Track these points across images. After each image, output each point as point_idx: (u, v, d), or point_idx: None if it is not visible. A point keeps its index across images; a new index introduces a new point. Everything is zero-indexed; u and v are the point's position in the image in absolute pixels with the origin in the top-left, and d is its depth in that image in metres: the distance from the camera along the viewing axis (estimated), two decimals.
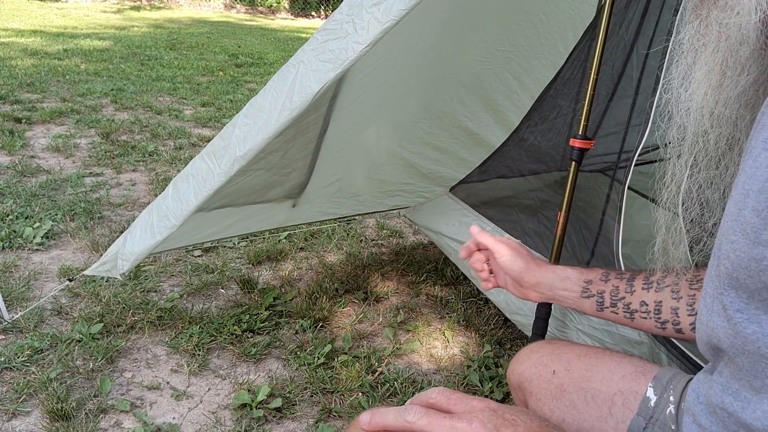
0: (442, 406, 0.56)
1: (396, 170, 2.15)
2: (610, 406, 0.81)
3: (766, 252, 0.47)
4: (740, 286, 0.51)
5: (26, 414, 1.49)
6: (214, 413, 1.55)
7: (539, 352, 0.93)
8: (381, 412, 0.55)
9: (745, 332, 0.51)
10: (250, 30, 10.70)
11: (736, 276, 0.51)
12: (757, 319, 0.50)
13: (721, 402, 0.56)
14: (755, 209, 0.48)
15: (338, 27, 1.27)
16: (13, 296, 1.95)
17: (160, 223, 1.55)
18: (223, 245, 2.45)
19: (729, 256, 0.51)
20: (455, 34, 1.75)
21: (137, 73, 5.78)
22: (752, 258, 0.49)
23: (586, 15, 1.77)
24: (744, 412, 0.53)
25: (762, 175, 0.48)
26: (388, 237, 2.71)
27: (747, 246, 0.49)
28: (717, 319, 0.55)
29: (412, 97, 1.92)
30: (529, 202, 1.89)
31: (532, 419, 0.55)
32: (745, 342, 0.51)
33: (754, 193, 0.49)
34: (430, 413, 0.53)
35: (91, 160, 3.34)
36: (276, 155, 1.69)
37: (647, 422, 0.77)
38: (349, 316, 2.04)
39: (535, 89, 1.91)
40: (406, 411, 0.54)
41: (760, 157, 0.49)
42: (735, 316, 0.52)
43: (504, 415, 0.54)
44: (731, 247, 0.51)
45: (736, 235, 0.50)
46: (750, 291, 0.50)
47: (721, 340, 0.55)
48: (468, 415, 0.53)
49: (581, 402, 0.83)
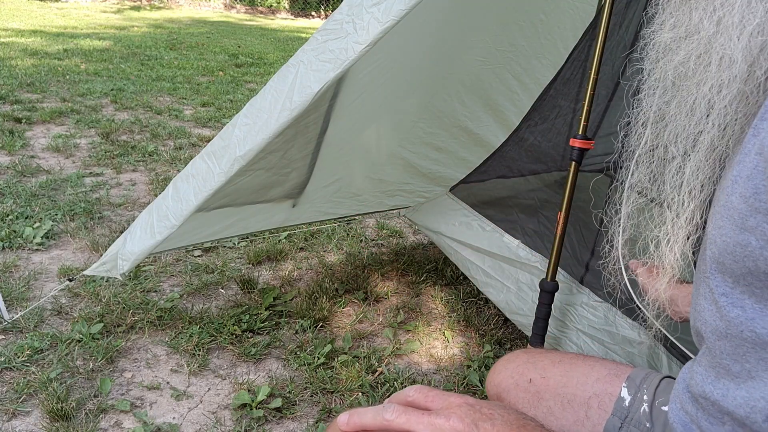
0: (420, 404, 0.57)
1: (396, 170, 2.15)
2: (586, 409, 0.82)
3: (751, 238, 0.48)
4: (726, 271, 0.52)
5: (26, 414, 1.49)
6: (214, 413, 1.55)
7: (515, 362, 0.94)
8: (359, 412, 0.56)
9: (729, 315, 0.52)
10: (250, 30, 10.70)
11: (722, 261, 0.52)
12: (741, 304, 0.51)
13: (702, 391, 0.57)
14: (742, 195, 0.49)
15: (338, 27, 1.27)
16: (13, 296, 1.95)
17: (160, 223, 1.55)
18: (223, 245, 2.45)
19: (716, 241, 0.52)
20: (455, 34, 1.75)
21: (137, 73, 5.78)
22: (738, 243, 0.49)
23: (586, 15, 1.77)
24: (725, 399, 0.54)
25: (751, 161, 0.48)
26: (388, 237, 2.71)
27: (733, 231, 0.50)
28: (704, 302, 0.56)
29: (412, 97, 1.92)
30: (529, 202, 1.89)
31: (509, 412, 0.55)
32: (729, 325, 0.52)
33: (742, 179, 0.49)
34: (408, 411, 0.54)
35: (91, 160, 3.34)
36: (276, 155, 1.69)
37: (622, 422, 0.78)
38: (349, 316, 2.04)
39: (535, 89, 1.91)
40: (385, 410, 0.54)
41: (749, 144, 0.49)
42: (720, 300, 0.53)
43: (481, 409, 0.54)
44: (718, 232, 0.52)
45: (723, 221, 0.51)
46: (735, 276, 0.51)
47: (707, 323, 0.55)
48: (446, 411, 0.54)
49: (558, 408, 0.84)
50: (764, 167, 0.47)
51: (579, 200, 1.49)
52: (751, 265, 0.49)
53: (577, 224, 1.65)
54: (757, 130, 0.48)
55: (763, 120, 0.48)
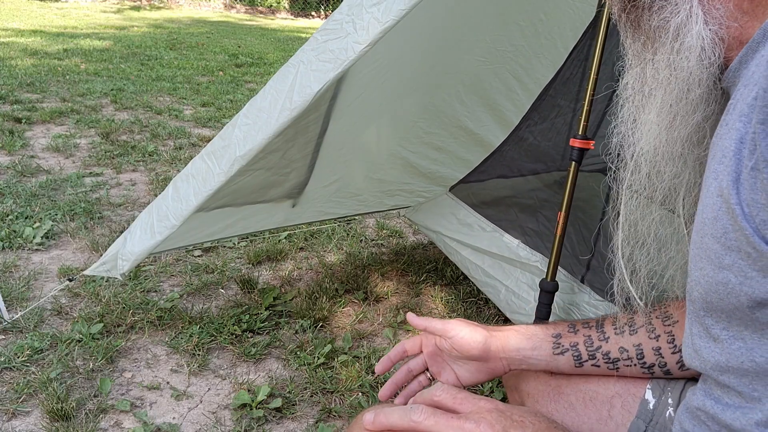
0: (448, 405, 0.56)
1: (396, 170, 2.15)
2: (609, 408, 0.80)
3: (730, 275, 0.49)
4: (715, 309, 0.52)
5: (26, 414, 1.49)
6: (214, 413, 1.55)
7: None
8: (385, 412, 0.55)
9: (730, 348, 0.52)
10: (250, 30, 10.70)
11: (710, 300, 0.52)
12: (740, 336, 0.51)
13: (702, 405, 0.57)
14: (714, 236, 0.50)
15: (338, 27, 1.27)
16: (13, 296, 1.95)
17: (160, 223, 1.55)
18: (223, 245, 2.45)
19: (699, 281, 0.53)
20: (455, 33, 1.75)
21: (137, 73, 5.78)
22: (719, 282, 0.50)
23: (586, 15, 1.76)
24: (724, 413, 0.54)
25: (714, 203, 0.50)
26: (388, 237, 2.71)
27: (713, 271, 0.51)
28: (700, 341, 0.56)
29: (412, 97, 1.92)
30: (528, 201, 1.89)
31: (540, 420, 0.54)
32: (729, 358, 0.52)
33: (710, 221, 0.50)
34: (436, 413, 0.53)
35: (91, 160, 3.34)
36: (276, 155, 1.69)
37: (647, 425, 0.76)
38: (349, 316, 2.04)
39: (535, 89, 1.91)
40: (412, 410, 0.53)
41: (711, 187, 0.50)
42: (722, 335, 0.53)
43: (512, 416, 0.53)
44: (700, 273, 0.53)
45: (702, 262, 0.52)
46: (726, 312, 0.51)
47: (706, 360, 0.55)
48: (476, 416, 0.53)
49: (579, 403, 0.82)
50: (726, 208, 0.48)
51: (579, 200, 1.49)
52: (735, 301, 0.49)
53: (577, 224, 1.65)
54: (717, 174, 0.50)
55: (720, 163, 0.49)
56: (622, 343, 0.77)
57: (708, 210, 0.51)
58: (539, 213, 1.83)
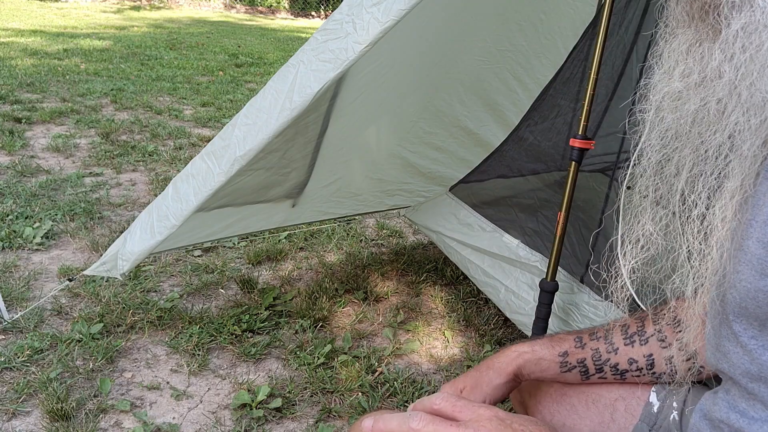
0: (447, 413, 0.55)
1: (395, 170, 2.15)
2: (611, 411, 0.79)
3: None
4: (750, 315, 0.50)
5: (26, 414, 1.49)
6: (214, 413, 1.55)
7: None
8: (384, 418, 0.54)
9: (761, 359, 0.51)
10: (250, 30, 10.70)
11: (745, 306, 0.50)
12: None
13: (726, 418, 0.56)
14: (760, 240, 0.48)
15: (338, 27, 1.27)
16: (13, 296, 1.95)
17: (160, 223, 1.55)
18: (223, 245, 2.45)
19: (736, 286, 0.51)
20: (455, 33, 1.75)
21: (137, 73, 5.78)
22: (759, 290, 0.48)
23: (586, 15, 1.76)
24: (750, 428, 0.53)
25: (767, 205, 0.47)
26: (388, 237, 2.71)
27: (753, 277, 0.48)
28: (729, 345, 0.54)
29: (412, 97, 1.92)
30: (529, 201, 1.89)
31: (541, 429, 0.54)
32: (761, 369, 0.51)
33: (758, 224, 0.48)
34: (435, 420, 0.52)
35: (91, 160, 3.34)
36: (276, 155, 1.69)
37: (651, 428, 0.75)
38: (349, 316, 2.04)
39: (535, 89, 1.91)
40: (411, 417, 0.53)
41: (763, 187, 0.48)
42: (750, 343, 0.51)
43: (512, 424, 0.52)
44: (738, 277, 0.50)
45: (741, 266, 0.50)
46: (761, 320, 0.50)
47: (735, 365, 0.54)
48: (475, 424, 0.52)
49: (582, 406, 0.82)
50: None
51: (579, 200, 1.49)
52: None
53: (577, 224, 1.65)
54: None
55: None
56: (632, 354, 0.76)
57: (757, 211, 0.48)
58: (539, 213, 1.83)
